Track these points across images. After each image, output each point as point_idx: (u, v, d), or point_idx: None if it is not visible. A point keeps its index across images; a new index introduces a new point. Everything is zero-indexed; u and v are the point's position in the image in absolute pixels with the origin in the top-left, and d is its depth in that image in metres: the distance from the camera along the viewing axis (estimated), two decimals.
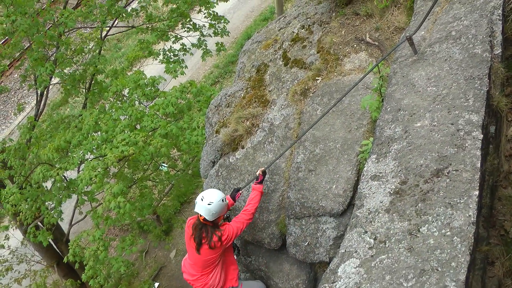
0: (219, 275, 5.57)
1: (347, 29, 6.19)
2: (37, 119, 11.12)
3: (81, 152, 8.87)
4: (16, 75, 21.67)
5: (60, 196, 9.45)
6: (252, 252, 6.23)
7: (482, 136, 3.32)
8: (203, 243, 5.28)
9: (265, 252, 6.11)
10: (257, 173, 5.45)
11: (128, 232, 14.56)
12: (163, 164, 13.08)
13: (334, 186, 4.93)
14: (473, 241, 2.77)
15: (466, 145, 3.30)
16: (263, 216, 5.67)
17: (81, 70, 11.16)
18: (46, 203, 9.80)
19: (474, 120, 3.45)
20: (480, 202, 3.11)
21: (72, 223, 11.80)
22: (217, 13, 12.74)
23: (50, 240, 10.65)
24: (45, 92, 11.19)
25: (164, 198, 14.57)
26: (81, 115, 9.90)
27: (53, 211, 9.66)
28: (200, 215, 5.26)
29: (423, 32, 4.63)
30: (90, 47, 11.85)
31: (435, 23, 4.63)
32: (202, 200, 5.21)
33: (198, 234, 5.31)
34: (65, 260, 9.74)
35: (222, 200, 5.25)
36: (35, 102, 12.21)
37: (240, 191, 5.69)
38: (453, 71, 3.92)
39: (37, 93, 11.37)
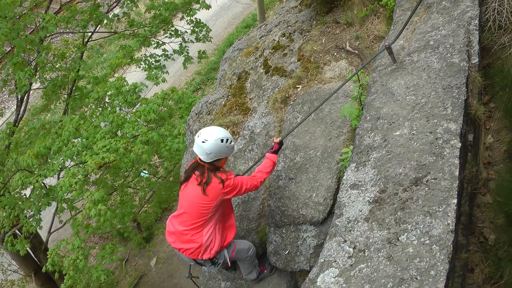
0: (217, 235, 4.87)
1: (328, 37, 6.22)
2: (16, 124, 10.96)
3: (61, 158, 8.75)
4: None
5: (39, 204, 9.27)
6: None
7: (460, 144, 3.35)
8: (192, 182, 4.68)
9: None
10: (272, 142, 5.02)
11: (108, 240, 14.40)
12: (144, 171, 13.00)
13: (314, 194, 4.93)
14: (452, 249, 2.79)
15: (445, 153, 3.32)
16: (244, 224, 5.65)
17: (62, 75, 11.05)
18: (25, 211, 9.63)
19: (452, 129, 3.47)
20: (458, 210, 3.13)
21: (51, 231, 11.63)
22: (199, 19, 12.72)
23: (28, 248, 10.45)
24: (25, 98, 11.05)
25: (145, 205, 14.47)
26: (61, 121, 9.79)
27: (31, 219, 9.50)
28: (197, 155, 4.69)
29: (402, 41, 4.67)
30: (73, 52, 11.75)
31: (414, 32, 4.67)
32: (198, 136, 4.59)
33: (190, 170, 4.75)
34: (43, 269, 9.57)
35: (223, 140, 4.57)
36: (15, 107, 12.06)
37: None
38: (432, 80, 3.95)
39: (17, 98, 11.23)
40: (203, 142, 4.53)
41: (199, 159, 4.69)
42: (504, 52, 4.76)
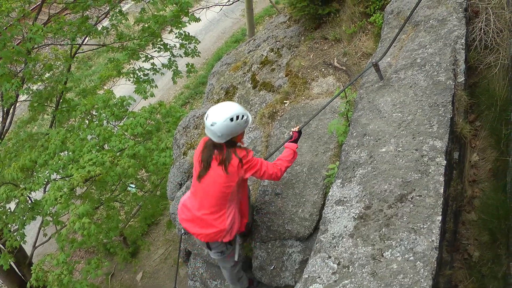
0: (236, 218, 4.61)
1: (316, 53, 6.26)
2: (1, 137, 10.86)
3: (47, 172, 8.66)
4: None
5: (24, 218, 9.15)
6: (217, 275, 6.15)
7: (445, 162, 3.36)
8: (212, 165, 4.31)
9: None
10: (291, 132, 4.72)
11: (94, 254, 14.24)
12: (131, 185, 12.91)
13: (300, 210, 4.92)
14: (436, 265, 2.79)
15: (430, 171, 3.34)
16: None
17: (50, 87, 10.99)
18: (9, 225, 9.49)
19: (438, 146, 3.49)
20: (443, 227, 3.14)
21: (36, 245, 11.47)
22: (188, 33, 12.74)
23: (12, 263, 10.27)
24: (11, 110, 10.97)
25: (131, 220, 14.34)
26: (48, 133, 9.72)
27: (16, 234, 9.37)
28: None
29: (389, 59, 4.70)
30: (61, 64, 11.70)
31: (401, 50, 4.71)
32: (206, 118, 4.18)
33: (208, 154, 4.32)
34: (28, 284, 9.42)
35: (233, 119, 4.12)
36: (0, 119, 11.96)
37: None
38: (418, 97, 3.98)
39: (3, 110, 11.13)
40: (211, 125, 4.13)
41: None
42: (489, 71, 4.82)
